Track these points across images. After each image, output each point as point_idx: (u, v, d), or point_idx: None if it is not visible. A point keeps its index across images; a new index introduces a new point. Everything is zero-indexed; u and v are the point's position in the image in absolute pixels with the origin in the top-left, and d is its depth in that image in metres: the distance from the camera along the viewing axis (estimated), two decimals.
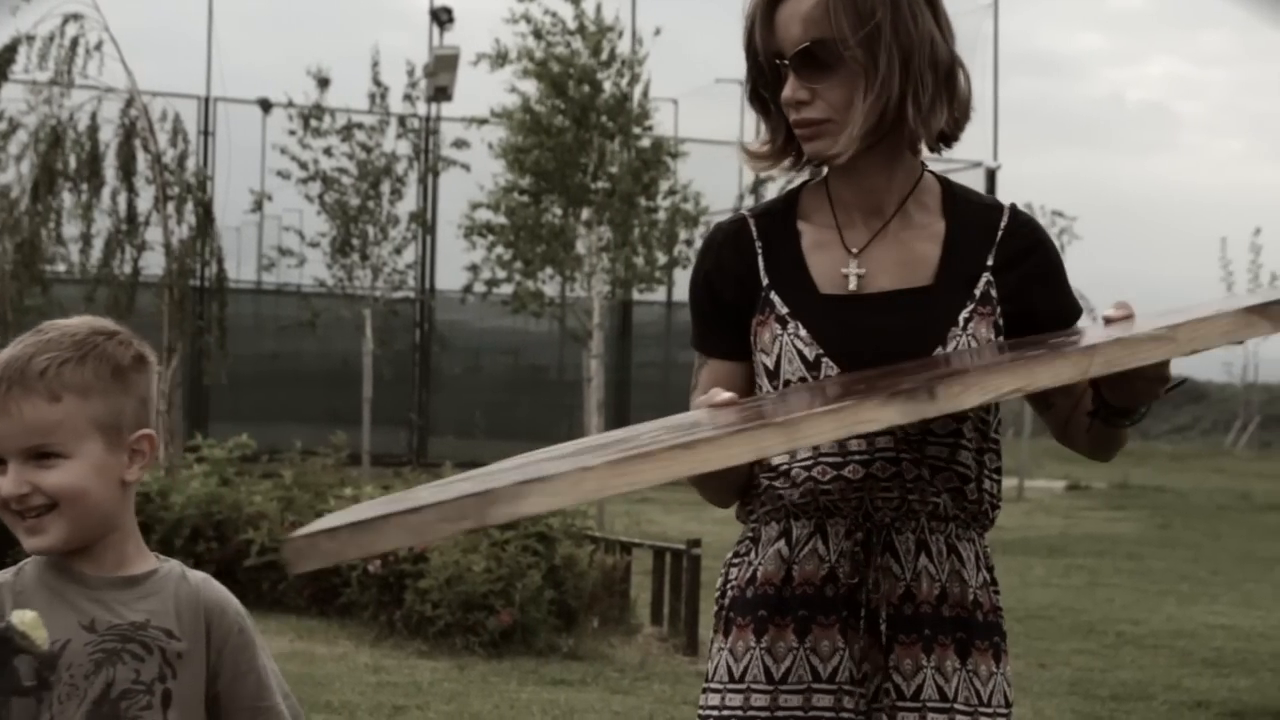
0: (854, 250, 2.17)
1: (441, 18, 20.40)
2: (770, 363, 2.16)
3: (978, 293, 2.16)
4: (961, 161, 20.73)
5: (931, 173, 2.25)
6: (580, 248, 16.12)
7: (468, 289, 17.29)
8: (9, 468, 1.98)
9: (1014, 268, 2.19)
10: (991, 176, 21.59)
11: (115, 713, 1.90)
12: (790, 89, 2.10)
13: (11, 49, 11.52)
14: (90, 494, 2.00)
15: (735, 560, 2.21)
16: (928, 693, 2.09)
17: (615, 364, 21.15)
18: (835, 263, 2.18)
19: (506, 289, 16.99)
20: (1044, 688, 7.08)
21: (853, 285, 2.15)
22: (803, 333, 2.13)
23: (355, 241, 17.21)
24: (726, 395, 2.03)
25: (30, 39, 11.53)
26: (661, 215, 15.84)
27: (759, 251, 2.21)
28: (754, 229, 2.23)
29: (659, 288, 18.01)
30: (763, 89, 2.18)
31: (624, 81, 15.52)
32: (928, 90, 2.09)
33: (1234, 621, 9.20)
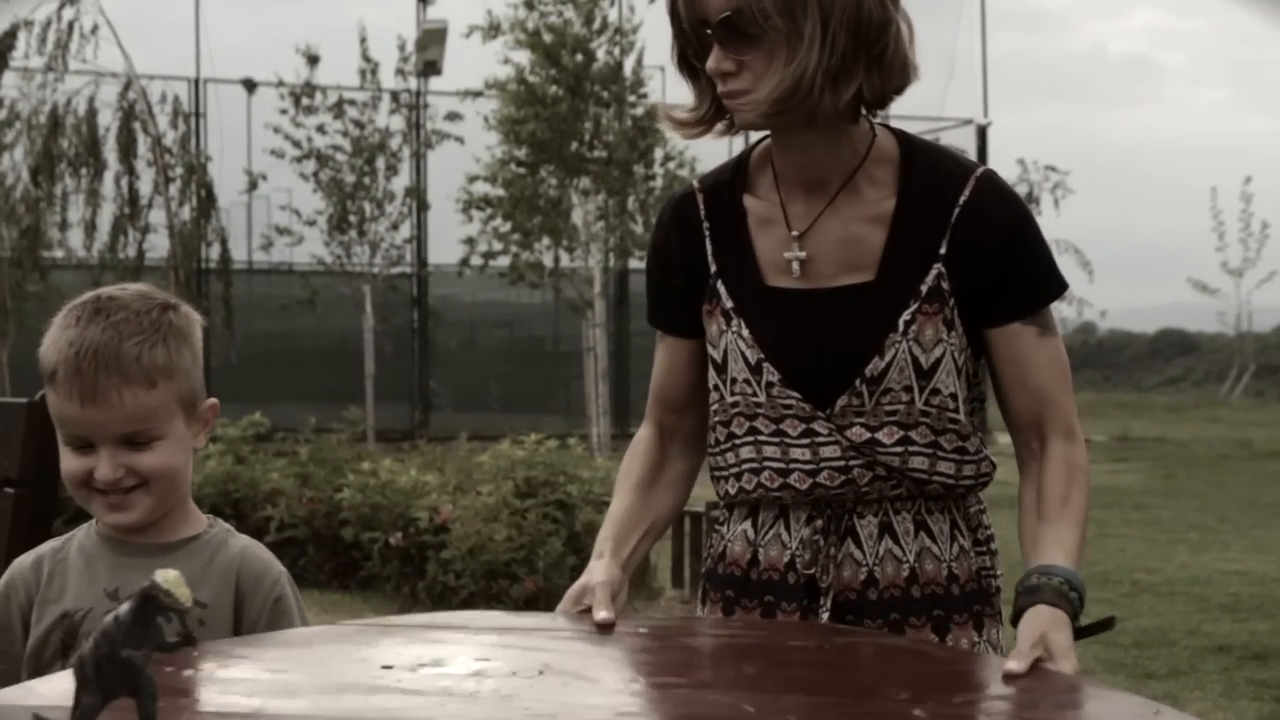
0: (795, 231, 2.04)
1: None
2: (718, 357, 2.09)
3: (925, 288, 1.99)
4: (952, 119, 20.76)
5: (897, 133, 2.08)
6: (576, 217, 16.16)
7: (464, 262, 17.31)
8: (101, 452, 1.99)
9: (972, 256, 2.00)
10: (982, 133, 21.62)
11: None
12: (714, 59, 1.96)
13: (11, 35, 11.52)
14: (178, 470, 2.04)
15: (714, 529, 2.20)
16: None
17: (613, 332, 21.19)
18: (779, 244, 2.05)
19: (503, 261, 17.02)
20: None
21: (796, 271, 2.03)
22: (745, 333, 2.05)
23: (352, 218, 17.23)
24: (605, 616, 1.96)
25: (29, 24, 11.53)
26: (658, 182, 15.87)
27: (706, 233, 2.11)
28: (702, 206, 2.12)
29: (644, 256, 18.03)
30: (691, 56, 2.02)
31: (617, 50, 15.53)
32: (839, 55, 1.90)
33: (1247, 567, 9.28)
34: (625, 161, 15.33)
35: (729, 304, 2.06)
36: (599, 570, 2.07)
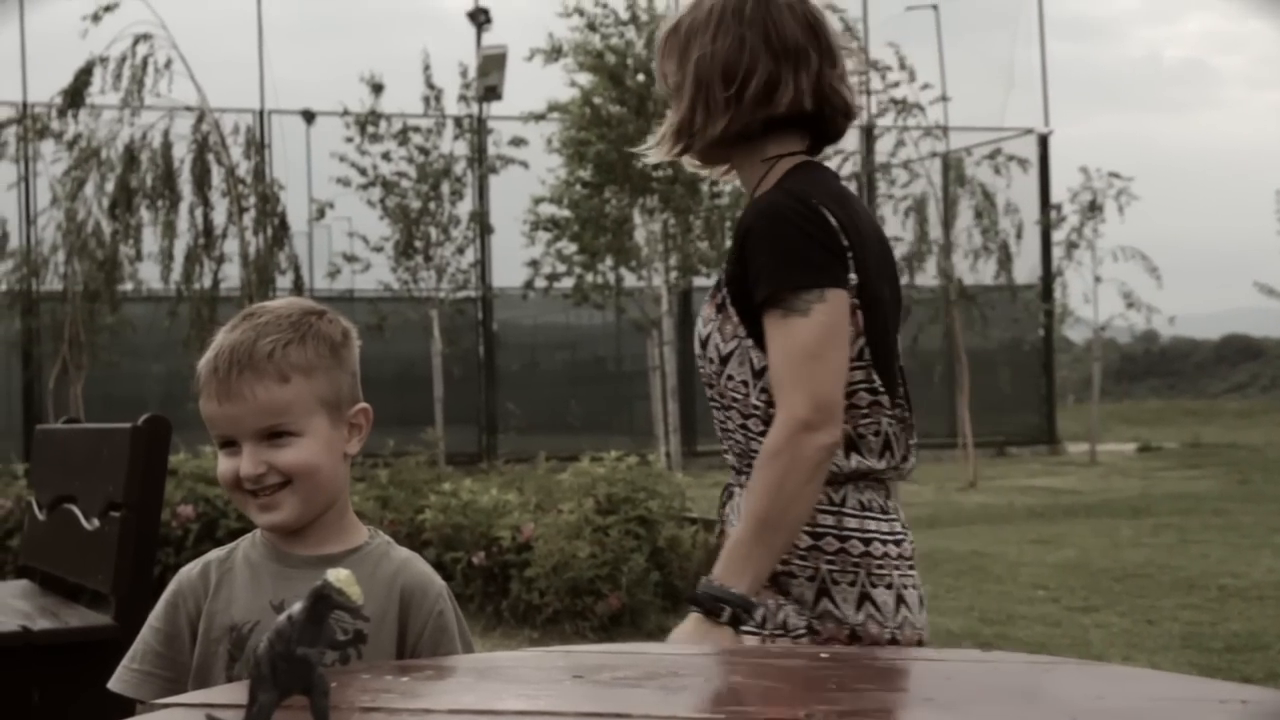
0: None
1: (479, 19, 20.48)
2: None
3: (715, 282, 2.46)
4: (1013, 129, 20.69)
5: (795, 165, 2.43)
6: (639, 237, 16.20)
7: (529, 285, 17.38)
8: (243, 449, 2.05)
9: (733, 253, 2.39)
10: (1044, 142, 21.53)
11: None
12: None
13: (87, 72, 11.67)
14: (321, 469, 2.07)
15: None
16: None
17: (679, 351, 21.21)
18: None
19: (567, 283, 17.08)
20: (1156, 643, 7.09)
21: None
22: None
23: (418, 244, 17.33)
24: None
25: (104, 61, 11.68)
26: (724, 200, 15.89)
27: None
28: None
29: (714, 273, 18.08)
30: None
31: None
32: (705, 97, 2.42)
33: None
34: (691, 180, 15.35)
35: None
36: None
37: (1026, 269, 20.24)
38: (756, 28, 2.40)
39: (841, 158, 17.91)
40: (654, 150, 2.54)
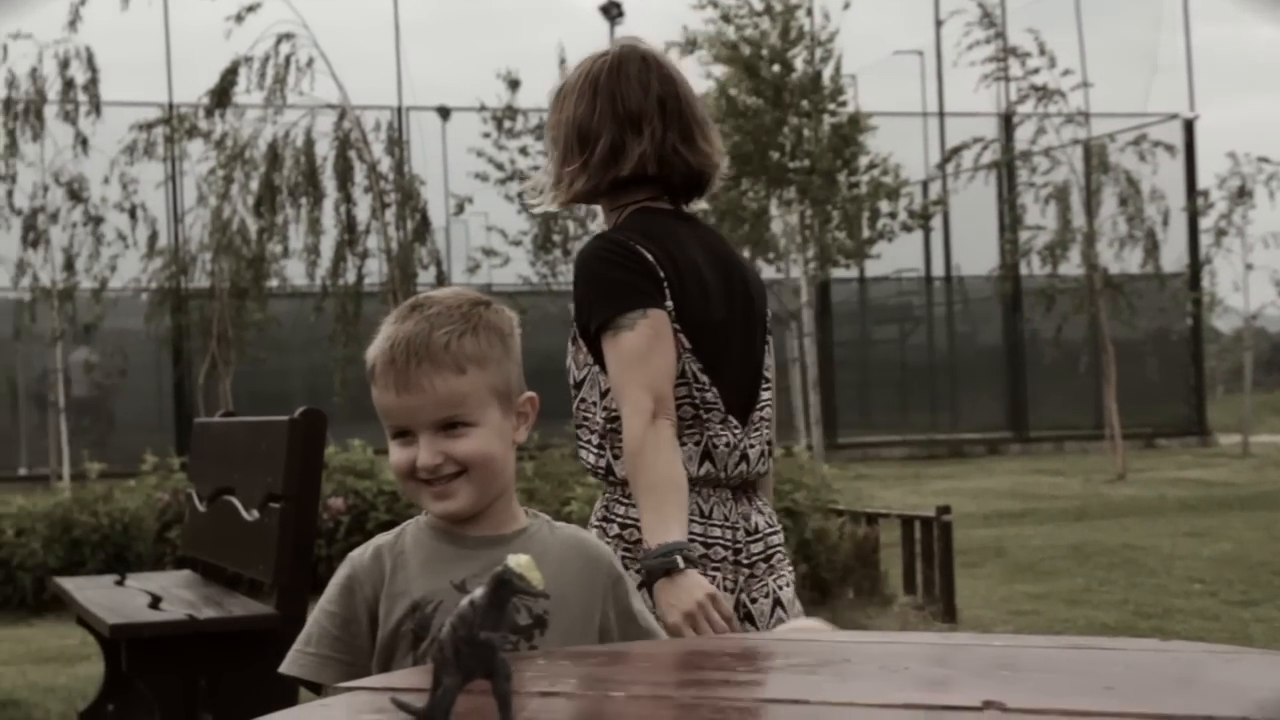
0: None
1: (612, 12, 20.54)
2: None
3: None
4: (1157, 114, 20.29)
5: (631, 214, 2.77)
6: (776, 228, 16.14)
7: None
8: (420, 439, 2.06)
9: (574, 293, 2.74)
10: (1189, 127, 21.11)
11: None
12: None
13: (233, 71, 11.89)
14: (495, 459, 2.09)
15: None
16: None
17: (817, 343, 21.12)
18: None
19: None
20: None
21: None
22: None
23: (556, 237, 17.40)
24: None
25: (248, 61, 11.89)
26: (863, 190, 15.78)
27: None
28: None
29: (852, 264, 17.95)
30: None
31: (815, 58, 15.50)
32: (563, 157, 2.75)
33: None
34: (828, 170, 15.26)
35: None
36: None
37: (1174, 257, 19.83)
38: (606, 96, 2.71)
39: (981, 146, 17.71)
40: (538, 201, 2.88)
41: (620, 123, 2.71)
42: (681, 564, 2.48)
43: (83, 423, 18.68)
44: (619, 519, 2.71)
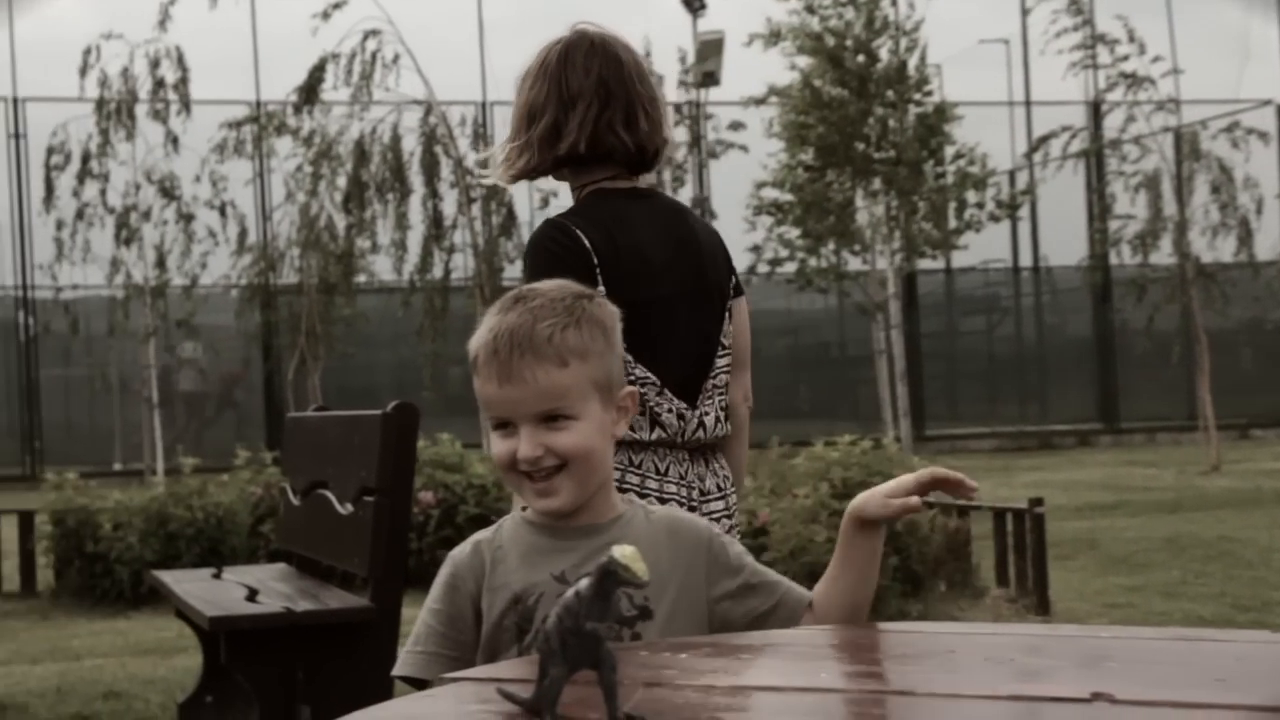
0: None
1: (694, 5, 20.48)
2: None
3: None
4: (1249, 100, 19.98)
5: (593, 189, 2.93)
6: (862, 219, 16.06)
7: (751, 270, 17.35)
8: (521, 431, 2.07)
9: None
10: None
11: None
12: None
13: (320, 68, 11.98)
14: (595, 452, 2.09)
15: None
16: None
17: (904, 335, 21.00)
18: None
19: (789, 267, 17.01)
20: None
21: None
22: None
23: None
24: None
25: (335, 58, 11.97)
26: (949, 180, 15.66)
27: None
28: None
29: (939, 255, 17.83)
30: None
31: (900, 48, 15.40)
32: (510, 139, 2.92)
33: None
34: (914, 161, 15.17)
35: None
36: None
37: (1268, 245, 19.51)
38: (553, 79, 2.87)
39: (1069, 134, 17.52)
40: (487, 174, 3.05)
41: (561, 104, 2.87)
42: None
43: (188, 417, 19.05)
44: (634, 488, 2.84)
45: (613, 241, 2.81)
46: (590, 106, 2.85)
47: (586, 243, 2.78)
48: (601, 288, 2.71)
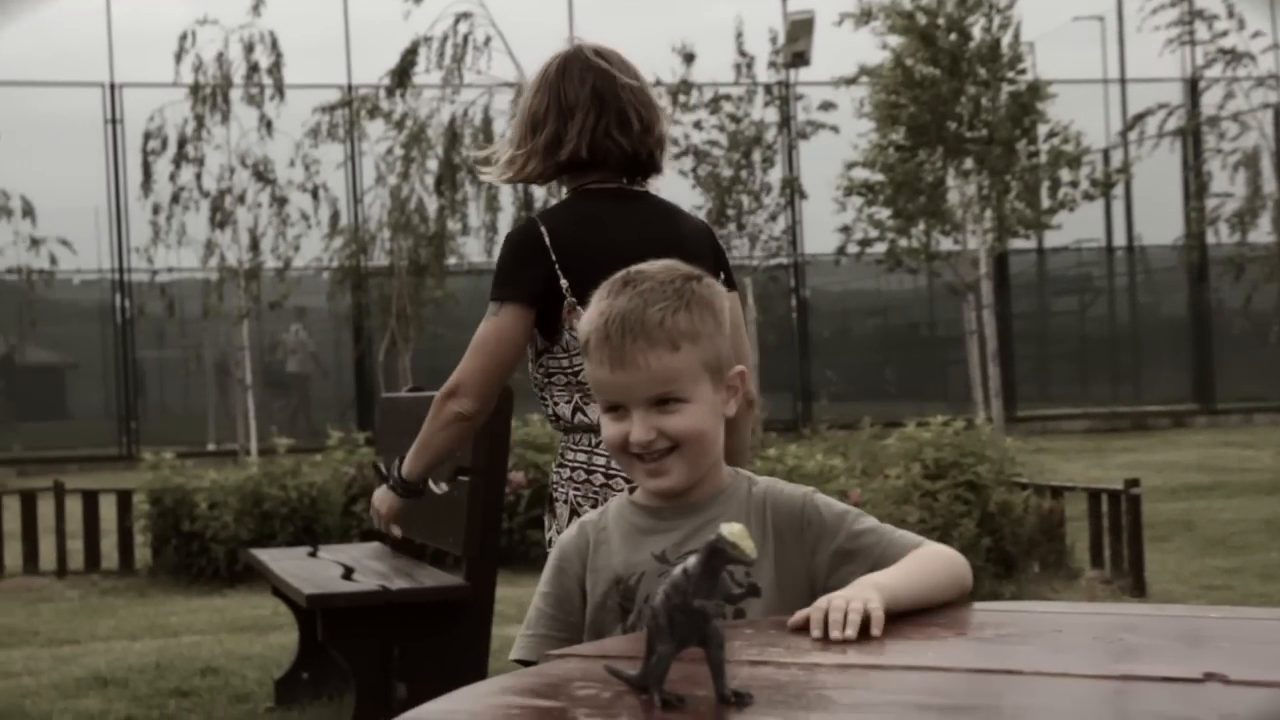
0: None
1: None
2: None
3: None
4: None
5: (578, 190, 3.14)
6: (953, 199, 15.93)
7: (841, 250, 17.27)
8: (634, 415, 2.06)
9: None
10: None
11: None
12: None
13: (413, 51, 12.04)
14: (707, 434, 2.09)
15: None
16: None
17: (996, 315, 20.82)
18: None
19: (879, 248, 16.92)
20: None
21: None
22: None
23: (730, 212, 17.36)
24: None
25: (428, 40, 12.02)
26: (1042, 159, 15.49)
27: None
28: None
29: (1031, 235, 17.65)
30: None
31: (993, 26, 15.25)
32: (516, 144, 3.10)
33: None
34: (1007, 139, 15.01)
35: None
36: None
37: None
38: (553, 90, 3.08)
39: (1166, 112, 17.28)
40: (488, 171, 3.24)
41: (561, 114, 3.08)
42: (391, 484, 3.36)
43: (298, 399, 19.31)
44: (569, 464, 3.10)
45: (581, 240, 3.02)
46: (588, 115, 3.07)
47: (546, 238, 3.02)
48: (564, 280, 3.00)
